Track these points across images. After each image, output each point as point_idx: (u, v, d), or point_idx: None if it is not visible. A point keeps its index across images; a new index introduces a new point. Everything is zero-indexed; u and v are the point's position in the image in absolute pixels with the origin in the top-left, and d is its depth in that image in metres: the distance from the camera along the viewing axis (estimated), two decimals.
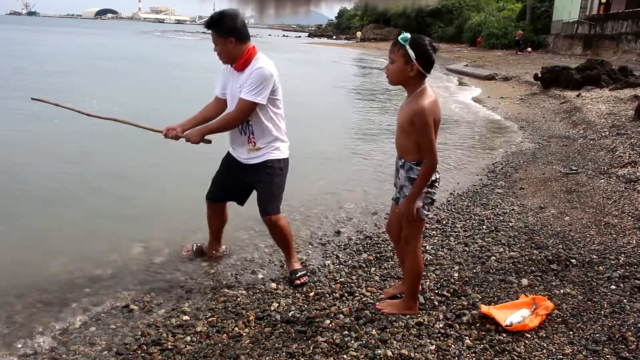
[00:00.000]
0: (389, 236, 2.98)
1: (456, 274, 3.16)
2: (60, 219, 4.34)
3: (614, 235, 3.66)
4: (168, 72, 17.45)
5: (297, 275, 3.18)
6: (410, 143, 2.44)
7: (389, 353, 2.35)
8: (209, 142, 3.04)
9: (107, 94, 11.06)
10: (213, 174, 3.34)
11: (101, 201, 4.76)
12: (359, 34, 59.39)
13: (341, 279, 3.17)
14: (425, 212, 2.52)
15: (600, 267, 3.15)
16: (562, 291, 2.88)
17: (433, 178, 2.49)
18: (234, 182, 3.20)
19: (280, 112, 3.07)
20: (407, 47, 2.32)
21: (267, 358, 2.37)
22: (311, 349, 2.42)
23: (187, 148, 3.27)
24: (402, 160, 2.52)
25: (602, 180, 5.06)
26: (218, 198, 3.33)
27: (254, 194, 3.21)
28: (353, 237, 3.98)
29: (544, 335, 2.47)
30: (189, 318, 2.80)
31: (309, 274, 3.27)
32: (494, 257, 3.40)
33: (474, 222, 4.19)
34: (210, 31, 2.94)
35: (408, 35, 2.35)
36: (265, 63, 2.92)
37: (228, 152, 3.23)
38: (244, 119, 2.95)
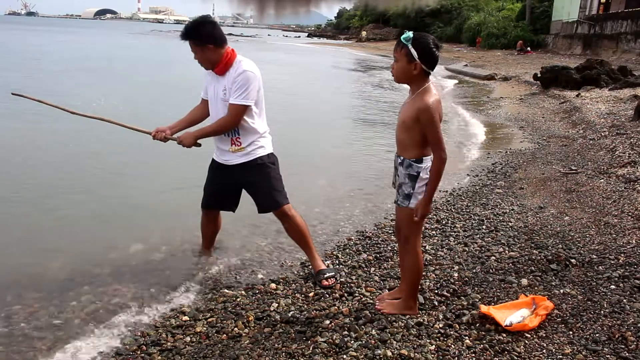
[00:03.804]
0: (396, 238, 2.96)
1: (456, 274, 3.16)
2: (59, 218, 4.33)
3: (614, 235, 3.66)
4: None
5: (325, 276, 3.12)
6: (411, 139, 2.45)
7: (389, 353, 2.34)
8: (199, 145, 3.09)
9: (113, 92, 11.03)
10: None
11: (99, 201, 4.76)
12: (364, 33, 59.55)
13: (341, 279, 3.17)
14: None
15: (600, 267, 3.15)
16: (561, 291, 2.88)
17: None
18: (223, 184, 3.21)
19: (262, 110, 3.09)
20: (410, 46, 2.34)
21: (267, 358, 2.37)
22: (311, 349, 2.42)
23: (183, 148, 3.26)
24: (401, 158, 2.52)
25: (602, 180, 5.06)
26: (211, 204, 3.34)
27: (248, 196, 3.20)
28: (352, 237, 3.97)
29: (544, 335, 2.47)
30: (188, 318, 2.79)
31: (337, 275, 3.17)
32: (493, 257, 3.40)
33: (473, 222, 4.18)
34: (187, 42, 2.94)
35: (410, 34, 2.36)
36: (248, 66, 2.95)
37: (212, 159, 3.23)
38: (238, 122, 2.99)
